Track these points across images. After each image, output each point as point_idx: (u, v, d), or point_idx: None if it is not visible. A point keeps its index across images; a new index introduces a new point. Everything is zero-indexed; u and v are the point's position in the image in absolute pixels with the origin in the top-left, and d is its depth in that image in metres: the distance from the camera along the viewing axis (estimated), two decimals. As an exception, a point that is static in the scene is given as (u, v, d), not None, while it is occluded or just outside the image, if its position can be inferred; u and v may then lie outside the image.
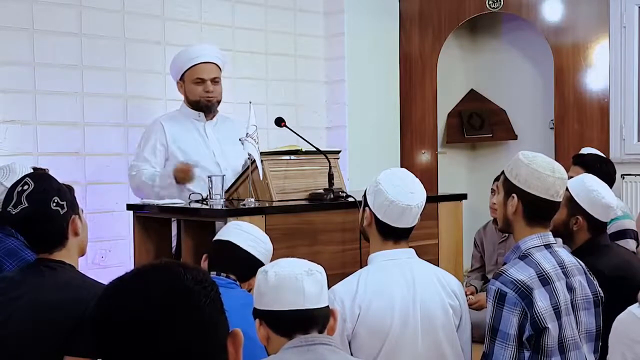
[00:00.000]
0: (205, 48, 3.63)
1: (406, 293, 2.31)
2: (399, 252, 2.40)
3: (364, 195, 2.47)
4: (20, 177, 2.62)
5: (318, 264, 1.89)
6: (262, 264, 2.30)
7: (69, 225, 2.05)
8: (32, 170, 2.75)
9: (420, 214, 2.42)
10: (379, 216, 2.38)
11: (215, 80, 3.54)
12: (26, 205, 2.00)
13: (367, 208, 2.42)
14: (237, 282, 2.35)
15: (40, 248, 2.07)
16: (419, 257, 2.45)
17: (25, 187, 2.02)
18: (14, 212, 2.01)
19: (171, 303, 1.02)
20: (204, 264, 2.42)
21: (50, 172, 2.92)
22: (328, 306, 1.86)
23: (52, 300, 1.93)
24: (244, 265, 2.35)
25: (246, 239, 2.39)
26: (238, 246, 2.37)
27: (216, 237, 2.45)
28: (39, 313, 1.92)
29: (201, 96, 3.52)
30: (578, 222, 2.66)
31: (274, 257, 2.64)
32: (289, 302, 1.79)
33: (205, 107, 3.54)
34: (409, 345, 2.29)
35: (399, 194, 2.35)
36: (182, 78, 3.56)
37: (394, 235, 2.39)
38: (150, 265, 1.09)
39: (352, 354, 2.23)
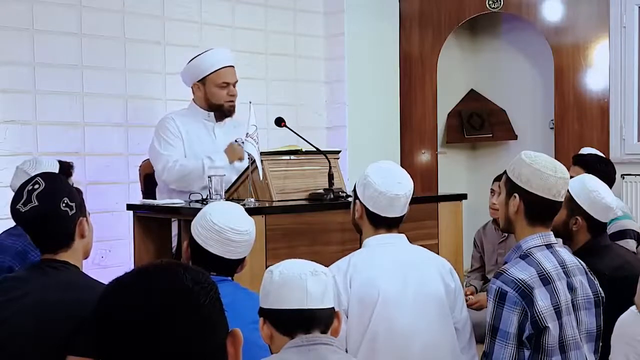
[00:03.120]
0: (226, 52, 3.67)
1: (398, 272, 2.36)
2: (392, 237, 2.47)
3: (354, 189, 2.53)
4: (46, 168, 2.65)
5: (318, 263, 1.89)
6: (236, 261, 2.28)
7: (76, 227, 2.06)
8: (57, 163, 2.78)
9: (409, 204, 2.48)
10: (369, 207, 2.44)
11: (235, 84, 3.58)
12: (36, 204, 2.00)
13: (357, 201, 2.49)
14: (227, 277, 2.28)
15: (46, 248, 2.07)
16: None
17: (36, 186, 2.03)
18: (23, 210, 2.01)
19: (171, 303, 1.02)
20: (186, 253, 2.33)
21: (74, 166, 2.98)
22: (333, 308, 1.87)
23: (55, 300, 1.93)
24: (218, 267, 2.23)
25: (216, 242, 2.22)
26: (207, 251, 2.23)
27: (192, 232, 2.30)
28: (42, 312, 1.92)
29: (225, 100, 3.54)
30: (578, 223, 2.66)
31: (274, 258, 2.65)
32: (292, 301, 1.80)
33: (227, 110, 3.56)
34: (398, 321, 2.32)
35: (387, 185, 2.41)
36: (201, 80, 3.54)
37: (384, 225, 2.46)
38: (150, 265, 1.09)
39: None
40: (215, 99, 3.53)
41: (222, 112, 3.56)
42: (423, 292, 2.36)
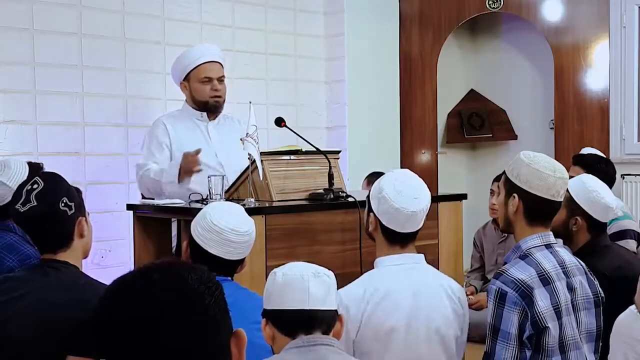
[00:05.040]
0: (209, 47, 3.62)
1: (411, 300, 2.29)
2: (407, 257, 2.37)
3: (368, 199, 2.43)
4: (15, 171, 2.65)
5: (318, 264, 1.89)
6: (236, 262, 2.28)
7: (75, 227, 2.06)
8: (27, 166, 2.76)
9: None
10: (384, 222, 2.35)
11: (221, 79, 3.53)
12: (35, 204, 2.00)
13: (371, 213, 2.39)
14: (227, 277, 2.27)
15: (45, 248, 2.07)
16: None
17: (35, 186, 2.03)
18: (22, 210, 2.01)
19: (174, 303, 1.01)
20: (186, 254, 2.33)
21: (44, 168, 2.95)
22: (336, 310, 1.86)
23: (56, 300, 1.93)
24: (217, 267, 2.20)
25: (216, 242, 2.22)
26: (207, 251, 2.23)
27: (191, 233, 2.30)
28: (42, 313, 1.93)
29: (210, 96, 3.50)
30: (577, 223, 2.66)
31: (274, 258, 2.65)
32: (294, 301, 1.80)
33: (213, 106, 3.52)
34: (412, 350, 2.28)
35: (404, 201, 2.31)
36: (186, 78, 3.54)
37: (400, 240, 2.36)
38: (154, 265, 1.08)
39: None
40: (199, 95, 3.51)
41: (208, 108, 3.53)
42: (433, 322, 2.30)
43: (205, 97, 3.50)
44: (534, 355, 2.22)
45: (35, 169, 2.81)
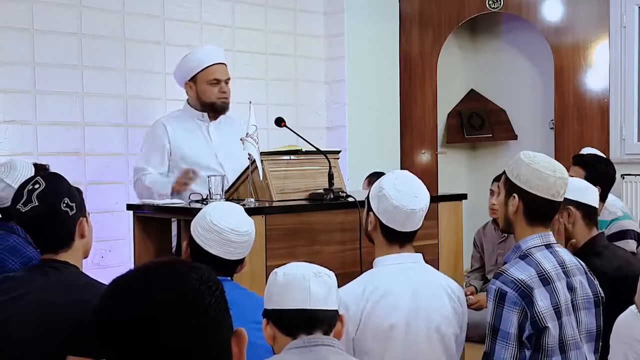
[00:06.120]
0: (217, 49, 3.65)
1: (410, 299, 2.30)
2: (405, 257, 2.38)
3: (367, 199, 2.45)
4: (20, 173, 2.65)
5: (318, 264, 1.89)
6: (235, 262, 2.28)
7: (76, 227, 2.06)
8: (32, 167, 2.76)
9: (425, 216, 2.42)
10: (383, 221, 2.36)
11: (228, 81, 3.56)
12: (36, 204, 2.01)
13: (371, 212, 2.40)
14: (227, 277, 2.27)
15: (46, 248, 2.07)
16: (419, 257, 2.44)
17: (37, 186, 2.03)
18: (23, 210, 2.02)
19: (174, 303, 1.01)
20: (186, 254, 2.33)
21: (50, 170, 2.94)
22: (337, 310, 1.86)
23: (56, 300, 1.94)
24: (217, 267, 2.19)
25: (216, 242, 2.22)
26: (207, 251, 2.23)
27: (191, 233, 2.30)
28: (42, 312, 1.93)
29: (217, 97, 3.52)
30: (571, 214, 2.65)
31: (274, 258, 2.65)
32: (294, 301, 1.80)
33: (220, 107, 3.55)
34: (412, 349, 2.28)
35: (403, 199, 2.32)
36: (193, 79, 3.54)
37: (399, 239, 2.38)
38: (154, 264, 1.08)
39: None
40: (207, 97, 3.53)
41: (215, 109, 3.55)
42: (433, 321, 2.31)
43: (212, 98, 3.53)
44: (533, 355, 2.22)
45: (41, 170, 2.82)
